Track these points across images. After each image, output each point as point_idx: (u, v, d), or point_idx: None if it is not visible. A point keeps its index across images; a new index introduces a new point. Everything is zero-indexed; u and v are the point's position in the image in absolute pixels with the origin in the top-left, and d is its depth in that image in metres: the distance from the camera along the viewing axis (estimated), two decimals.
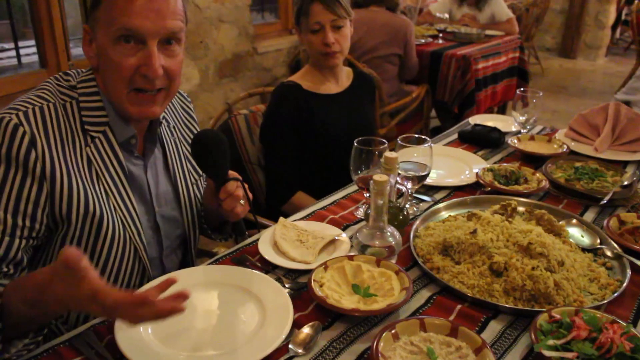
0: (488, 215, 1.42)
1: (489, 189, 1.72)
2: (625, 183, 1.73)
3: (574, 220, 1.51)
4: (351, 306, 1.13)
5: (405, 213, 1.44)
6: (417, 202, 1.66)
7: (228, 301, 1.20)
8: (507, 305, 1.17)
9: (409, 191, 1.56)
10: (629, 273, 1.28)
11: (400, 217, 1.42)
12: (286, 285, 1.24)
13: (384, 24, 3.68)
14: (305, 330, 1.10)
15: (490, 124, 2.23)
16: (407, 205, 1.52)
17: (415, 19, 4.88)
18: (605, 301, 1.19)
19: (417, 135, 1.58)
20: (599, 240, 1.43)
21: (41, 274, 1.00)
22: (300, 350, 1.05)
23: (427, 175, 1.57)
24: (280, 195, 2.10)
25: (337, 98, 2.16)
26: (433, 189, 1.75)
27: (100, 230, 1.24)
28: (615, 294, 1.21)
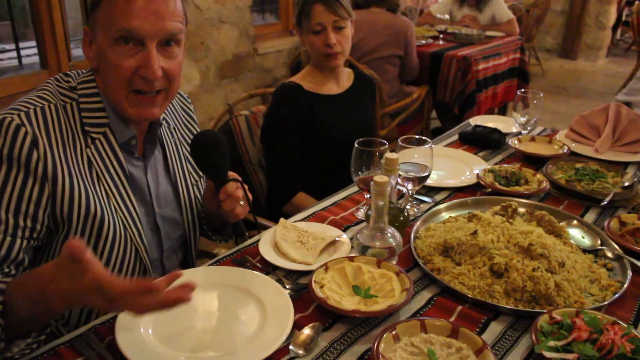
0: (489, 216, 1.41)
1: (490, 190, 1.72)
2: (626, 184, 1.73)
3: (575, 222, 1.51)
4: (352, 307, 1.13)
5: (405, 214, 1.44)
6: (418, 203, 1.66)
7: (228, 302, 1.20)
8: (508, 307, 1.17)
9: (410, 192, 1.56)
10: (630, 274, 1.28)
11: (401, 218, 1.42)
12: (287, 286, 1.24)
13: (385, 25, 3.68)
14: (306, 331, 1.10)
15: (491, 125, 2.23)
16: (408, 207, 1.52)
17: (416, 20, 4.88)
18: (606, 302, 1.19)
19: (418, 136, 1.58)
20: (599, 242, 1.42)
21: (45, 269, 0.99)
22: (300, 352, 1.05)
23: (428, 176, 1.57)
24: (281, 196, 2.10)
25: (338, 99, 2.16)
26: (434, 190, 1.75)
27: (102, 232, 1.24)
28: (616, 295, 1.21)
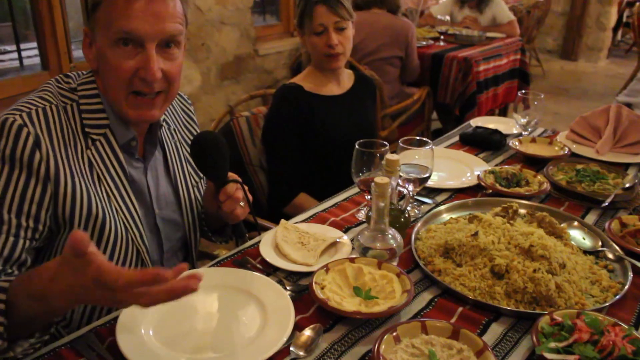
0: (489, 217, 1.41)
1: (491, 191, 1.72)
2: (627, 185, 1.73)
3: (576, 223, 1.50)
4: (352, 309, 1.13)
5: (406, 215, 1.44)
6: (419, 205, 1.66)
7: (229, 303, 1.20)
8: (509, 308, 1.17)
9: (410, 193, 1.56)
10: (631, 276, 1.28)
11: (402, 220, 1.42)
12: (287, 288, 1.24)
13: (386, 26, 3.68)
14: (307, 332, 1.10)
15: (492, 126, 2.23)
16: (409, 208, 1.52)
17: (417, 21, 4.89)
18: (607, 304, 1.19)
19: (419, 138, 1.58)
20: (600, 243, 1.42)
21: (47, 266, 0.96)
22: (301, 353, 1.05)
23: (429, 177, 1.57)
24: (282, 197, 2.10)
25: (339, 100, 2.16)
26: (434, 192, 1.75)
27: (103, 233, 1.24)
28: (617, 297, 1.21)
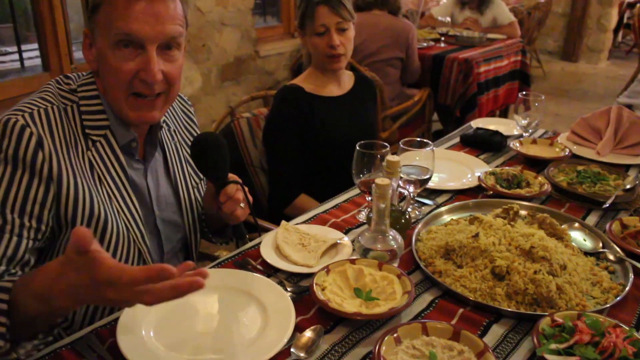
0: (490, 218, 1.41)
1: (491, 192, 1.72)
2: (628, 186, 1.73)
3: (576, 224, 1.50)
4: (353, 310, 1.13)
5: (407, 217, 1.44)
6: (419, 206, 1.66)
7: (230, 305, 1.20)
8: (510, 309, 1.17)
9: (411, 195, 1.56)
10: (632, 277, 1.27)
11: (402, 221, 1.42)
12: (288, 289, 1.24)
13: (386, 27, 3.68)
14: (307, 334, 1.10)
15: (492, 128, 2.23)
16: (409, 209, 1.52)
17: (417, 23, 4.89)
18: (607, 305, 1.19)
19: (419, 139, 1.58)
20: (601, 244, 1.42)
21: (51, 265, 0.94)
22: (302, 354, 1.05)
23: (429, 178, 1.57)
24: (283, 198, 2.10)
25: (339, 100, 2.16)
26: (435, 193, 1.75)
27: (105, 234, 1.24)
28: (618, 298, 1.21)
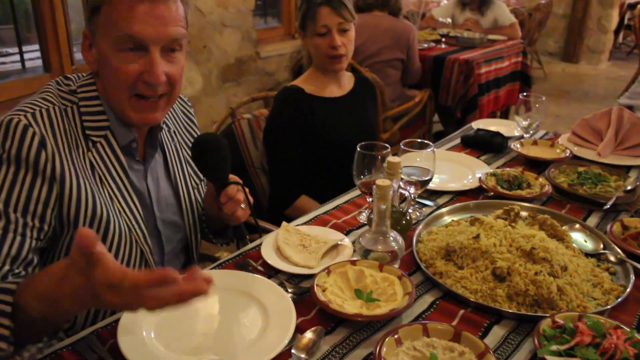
0: (491, 220, 1.41)
1: (492, 193, 1.72)
2: (629, 188, 1.73)
3: (577, 225, 1.50)
4: (354, 311, 1.13)
5: (408, 218, 1.44)
6: (420, 207, 1.66)
7: (230, 306, 1.20)
8: (510, 311, 1.17)
9: (412, 196, 1.56)
10: (633, 278, 1.27)
11: (403, 222, 1.42)
12: (289, 290, 1.24)
13: (387, 28, 3.68)
14: (308, 335, 1.10)
15: (493, 129, 2.23)
16: (410, 210, 1.52)
17: (418, 24, 4.89)
18: (608, 306, 1.19)
19: (420, 140, 1.58)
20: (602, 245, 1.42)
21: (56, 267, 0.94)
22: (302, 355, 1.05)
23: (430, 180, 1.57)
24: (284, 199, 2.10)
25: (340, 101, 2.16)
26: (436, 194, 1.75)
27: (108, 234, 1.24)
28: (619, 300, 1.21)
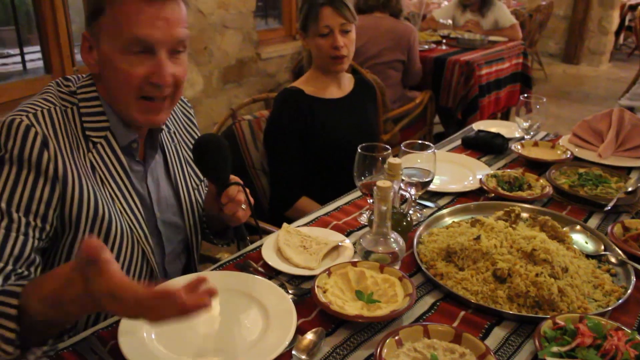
0: (492, 221, 1.41)
1: (493, 195, 1.72)
2: (630, 189, 1.73)
3: (578, 227, 1.50)
4: (355, 312, 1.13)
5: (408, 219, 1.44)
6: (421, 208, 1.66)
7: (231, 307, 1.20)
8: (511, 312, 1.17)
9: (413, 197, 1.56)
10: (634, 280, 1.27)
11: (404, 223, 1.42)
12: (290, 291, 1.24)
13: (388, 30, 3.68)
14: (309, 336, 1.10)
15: (494, 130, 2.23)
16: (411, 211, 1.52)
17: (419, 25, 4.89)
18: (609, 308, 1.19)
19: (421, 141, 1.58)
20: (603, 247, 1.42)
21: (61, 270, 0.94)
22: (303, 357, 1.05)
23: (431, 181, 1.57)
24: (284, 201, 2.10)
25: (340, 103, 2.16)
26: (436, 195, 1.75)
27: (109, 234, 1.24)
28: (620, 301, 1.20)
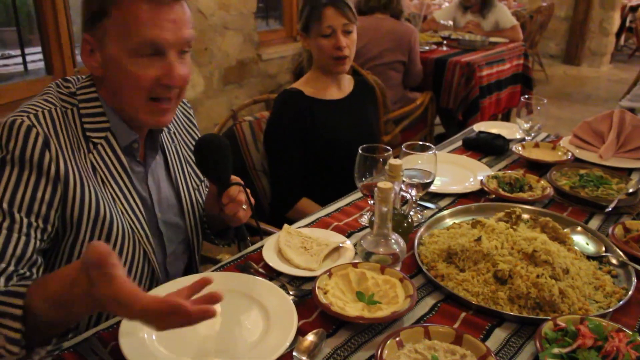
0: (492, 222, 1.41)
1: (494, 196, 1.72)
2: (631, 190, 1.73)
3: (579, 228, 1.50)
4: (355, 313, 1.13)
5: (409, 220, 1.44)
6: (422, 210, 1.66)
7: (232, 308, 1.20)
8: (512, 313, 1.17)
9: (414, 198, 1.56)
10: (635, 281, 1.27)
11: (405, 225, 1.42)
12: (290, 292, 1.24)
13: (389, 31, 3.69)
14: (310, 337, 1.09)
15: (495, 131, 2.23)
16: (412, 213, 1.52)
17: (420, 26, 4.89)
18: (610, 309, 1.19)
19: (422, 143, 1.58)
20: (604, 248, 1.42)
21: (67, 270, 0.93)
22: (304, 358, 1.05)
23: (432, 182, 1.57)
24: (285, 202, 2.10)
25: (339, 104, 2.16)
26: (437, 196, 1.75)
27: (111, 234, 1.24)
28: (621, 302, 1.20)
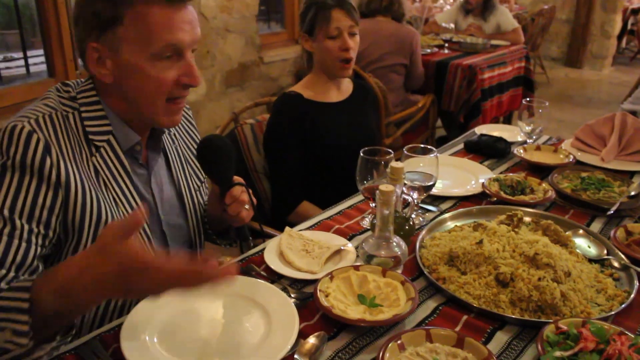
0: (494, 225, 1.41)
1: (495, 199, 1.72)
2: (632, 193, 1.72)
3: (581, 231, 1.50)
4: (357, 316, 1.13)
5: (411, 223, 1.44)
6: (423, 212, 1.66)
7: (233, 311, 1.20)
8: (514, 316, 1.17)
9: (415, 201, 1.56)
10: (637, 284, 1.27)
11: (406, 227, 1.42)
12: (292, 295, 1.24)
13: (390, 34, 3.69)
14: (311, 340, 1.09)
15: (496, 134, 2.23)
16: (413, 215, 1.52)
17: (421, 29, 4.91)
18: (612, 312, 1.18)
19: (423, 145, 1.58)
20: (605, 251, 1.42)
21: (74, 260, 0.93)
22: None
23: (433, 185, 1.57)
24: (286, 205, 2.10)
25: (339, 106, 2.16)
26: (439, 199, 1.74)
27: None
28: (623, 305, 1.20)
